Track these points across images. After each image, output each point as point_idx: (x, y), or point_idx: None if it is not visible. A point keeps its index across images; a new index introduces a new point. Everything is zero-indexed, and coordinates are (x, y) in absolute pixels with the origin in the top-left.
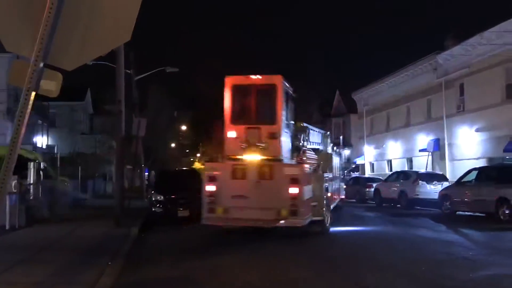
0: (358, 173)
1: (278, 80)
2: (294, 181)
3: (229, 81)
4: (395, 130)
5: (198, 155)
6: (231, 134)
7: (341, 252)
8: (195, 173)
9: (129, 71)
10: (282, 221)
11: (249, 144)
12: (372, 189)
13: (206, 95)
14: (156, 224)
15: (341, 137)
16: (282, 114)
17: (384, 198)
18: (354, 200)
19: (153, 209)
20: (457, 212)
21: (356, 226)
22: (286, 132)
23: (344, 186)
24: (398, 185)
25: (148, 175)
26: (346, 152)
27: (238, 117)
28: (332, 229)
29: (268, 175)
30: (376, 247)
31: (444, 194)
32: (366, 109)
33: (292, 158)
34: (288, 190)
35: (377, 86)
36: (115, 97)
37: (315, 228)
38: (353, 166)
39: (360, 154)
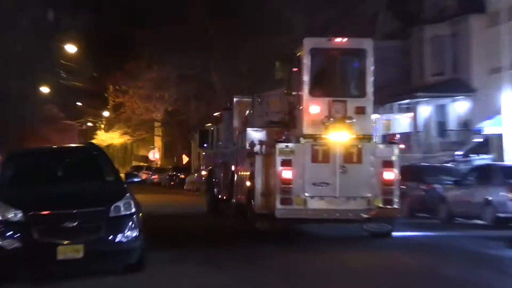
0: (490, 156)
1: (368, 44)
2: (389, 165)
3: (308, 44)
4: None
5: (106, 113)
6: (311, 108)
7: None
8: (98, 158)
9: None
10: (374, 213)
11: (333, 120)
12: None
13: None
14: (4, 280)
15: (445, 69)
16: (372, 85)
17: None
18: (482, 222)
19: None
20: None
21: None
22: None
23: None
24: None
25: None
26: (460, 106)
27: (320, 88)
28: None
29: (356, 158)
30: None
31: None
32: (509, 6)
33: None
34: (382, 175)
35: None
36: None
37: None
38: (477, 140)
39: (493, 113)
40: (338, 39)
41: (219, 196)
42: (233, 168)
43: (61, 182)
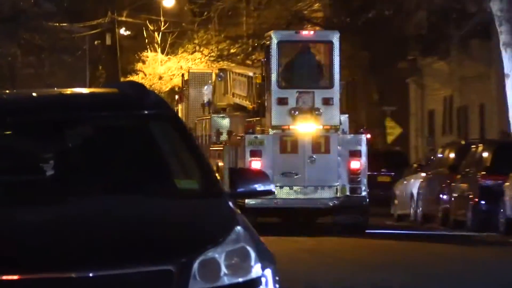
0: None
1: (334, 37)
2: (356, 154)
3: (276, 37)
4: None
5: (168, 3)
6: (279, 100)
7: None
8: (157, 127)
9: None
10: (341, 200)
11: (300, 111)
12: None
13: None
14: None
15: None
16: (339, 76)
17: None
18: None
19: None
20: None
21: None
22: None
23: None
24: None
25: None
26: None
27: (288, 80)
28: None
29: (324, 148)
30: None
31: None
32: None
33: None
34: (349, 164)
35: None
36: None
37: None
38: None
39: None
40: (305, 32)
41: None
42: None
43: (60, 193)
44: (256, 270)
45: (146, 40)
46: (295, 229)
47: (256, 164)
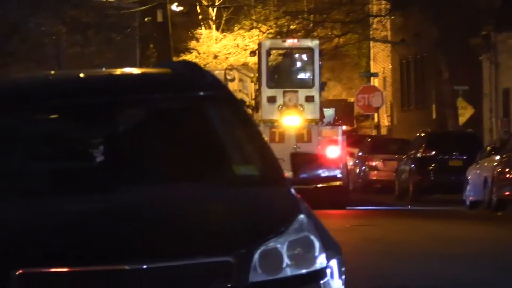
0: None
1: (315, 44)
2: (334, 143)
3: (265, 45)
4: None
5: None
6: (269, 98)
7: None
8: (214, 110)
9: None
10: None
11: (287, 107)
12: None
13: None
14: None
15: None
16: (319, 77)
17: None
18: None
19: None
20: None
21: None
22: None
23: None
24: None
25: None
26: None
27: (275, 81)
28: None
29: (306, 138)
30: None
31: None
32: None
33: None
34: (328, 151)
35: None
36: None
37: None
38: None
39: None
40: (290, 40)
41: None
42: None
43: (111, 181)
44: (320, 260)
45: (200, 16)
46: None
47: None
